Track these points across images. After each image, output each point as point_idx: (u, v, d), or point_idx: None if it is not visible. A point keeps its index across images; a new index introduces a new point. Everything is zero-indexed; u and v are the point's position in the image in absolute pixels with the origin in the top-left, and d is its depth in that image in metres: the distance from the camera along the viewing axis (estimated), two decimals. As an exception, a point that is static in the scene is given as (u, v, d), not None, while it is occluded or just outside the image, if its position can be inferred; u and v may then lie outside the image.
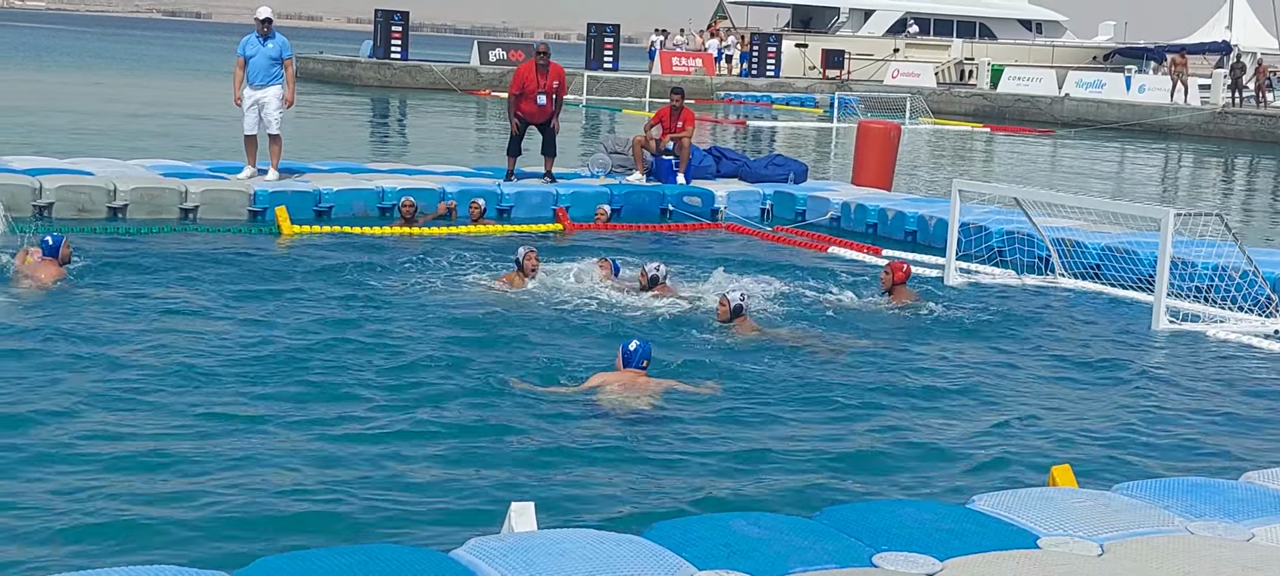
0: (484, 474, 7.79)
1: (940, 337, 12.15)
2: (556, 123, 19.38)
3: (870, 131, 22.10)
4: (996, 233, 16.43)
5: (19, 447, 7.78)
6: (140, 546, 6.48)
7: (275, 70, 17.61)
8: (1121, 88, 55.22)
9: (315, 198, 17.25)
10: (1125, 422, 9.70)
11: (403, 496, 7.37)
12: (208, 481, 7.42)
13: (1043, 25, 74.63)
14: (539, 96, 18.93)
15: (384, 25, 56.12)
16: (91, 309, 11.36)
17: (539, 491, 7.46)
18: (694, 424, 8.98)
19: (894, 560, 5.51)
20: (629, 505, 7.37)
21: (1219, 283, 13.74)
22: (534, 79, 19.01)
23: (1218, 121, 49.03)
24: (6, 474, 7.35)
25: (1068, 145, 43.38)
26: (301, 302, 12.21)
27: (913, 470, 8.33)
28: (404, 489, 7.49)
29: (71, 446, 7.87)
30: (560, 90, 19.30)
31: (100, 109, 37.00)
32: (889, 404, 9.81)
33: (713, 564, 5.37)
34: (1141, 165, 37.81)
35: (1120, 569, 5.50)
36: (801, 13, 73.60)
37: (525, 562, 5.23)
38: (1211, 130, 48.76)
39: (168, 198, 16.67)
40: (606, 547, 5.44)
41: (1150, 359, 11.86)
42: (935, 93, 57.37)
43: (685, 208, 18.80)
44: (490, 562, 5.25)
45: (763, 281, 13.84)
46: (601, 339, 11.28)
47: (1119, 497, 6.49)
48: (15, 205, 15.69)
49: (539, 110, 18.99)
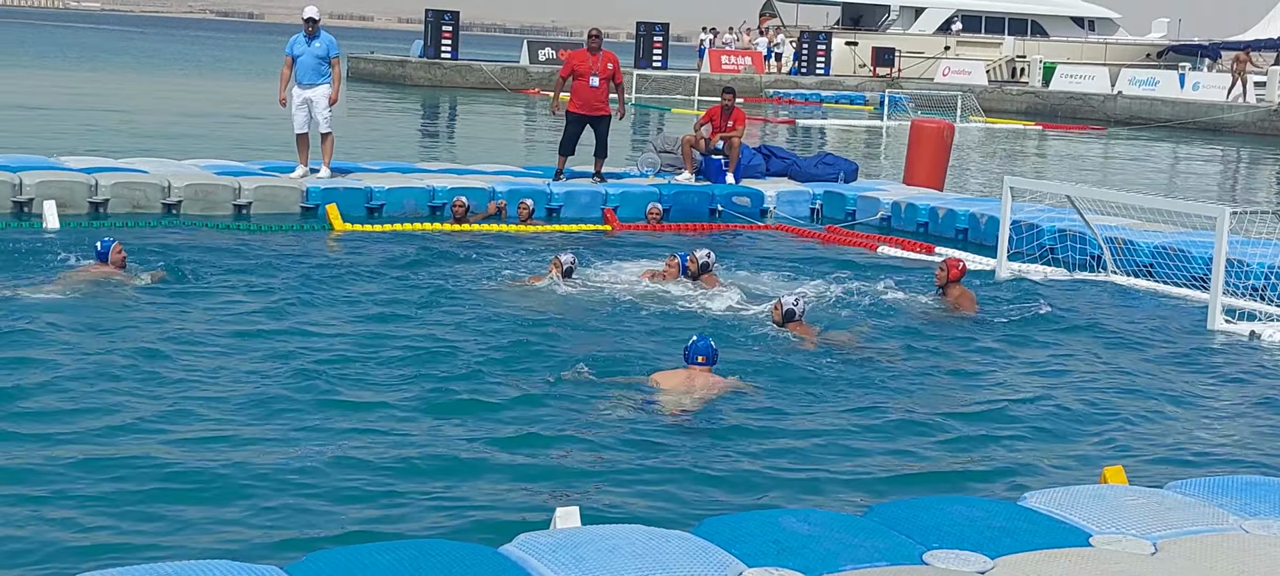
0: (533, 470, 7.80)
1: (992, 335, 12.08)
2: (621, 109, 19.35)
3: (923, 130, 21.91)
4: (1048, 230, 16.34)
5: (72, 442, 7.86)
6: (194, 541, 6.54)
7: (323, 69, 17.71)
8: (1175, 85, 54.77)
9: (366, 195, 17.34)
10: (1179, 421, 9.63)
11: (452, 492, 7.40)
12: (259, 476, 7.46)
13: (1095, 22, 73.99)
14: (592, 78, 18.87)
15: (434, 25, 56.26)
16: (143, 306, 11.46)
17: (588, 487, 7.48)
18: (743, 422, 8.97)
19: (945, 558, 5.48)
20: (678, 502, 7.38)
21: (1277, 282, 13.59)
22: (586, 62, 18.98)
23: (1273, 119, 48.49)
24: (59, 468, 7.42)
25: (1120, 143, 43.05)
26: (351, 299, 12.28)
27: (964, 467, 8.30)
28: (454, 484, 7.52)
29: (124, 442, 7.95)
30: (615, 75, 19.12)
31: (154, 108, 37.29)
32: (939, 400, 9.77)
33: (762, 561, 5.36)
34: (1196, 163, 37.48)
35: (1174, 567, 5.45)
36: (852, 10, 73.27)
37: (575, 559, 5.23)
38: (1267, 128, 48.25)
39: (221, 194, 16.84)
40: (655, 544, 5.43)
41: (1204, 358, 11.75)
42: (986, 91, 57.05)
43: (734, 207, 18.77)
44: (539, 558, 5.26)
45: (815, 283, 13.79)
46: (656, 334, 11.29)
47: (1172, 495, 6.43)
48: (72, 202, 15.91)
49: (592, 92, 18.90)
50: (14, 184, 16.00)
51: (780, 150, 21.97)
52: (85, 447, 7.80)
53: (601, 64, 18.90)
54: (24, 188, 15.99)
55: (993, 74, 63.89)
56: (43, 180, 16.10)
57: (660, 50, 59.18)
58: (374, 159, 21.33)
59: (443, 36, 55.89)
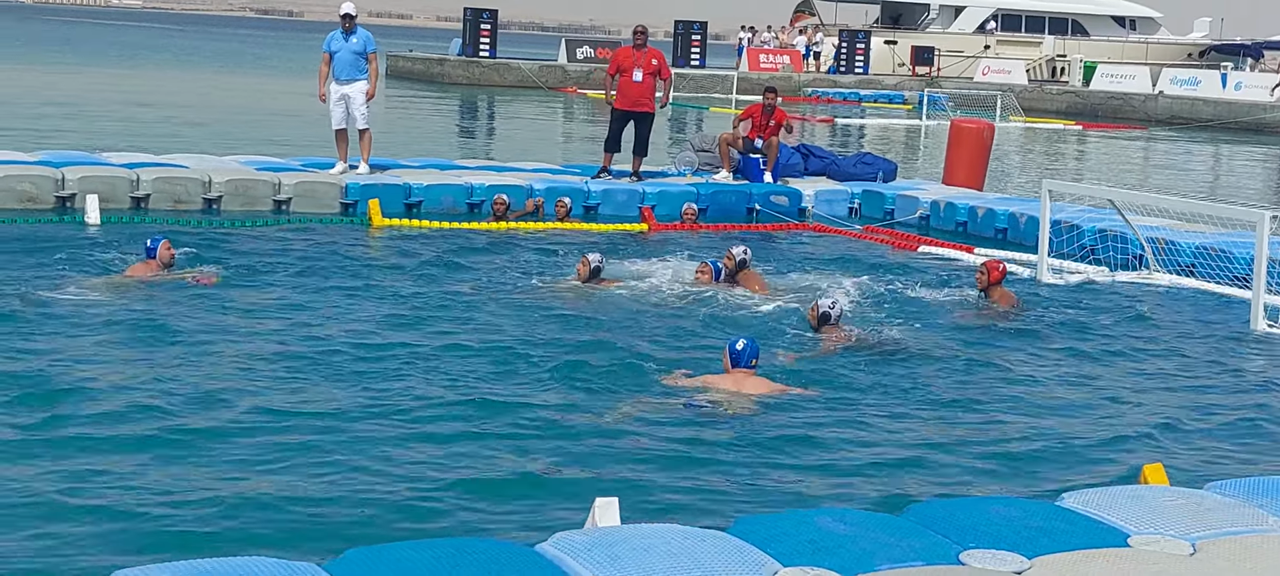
0: (567, 469, 7.82)
1: (1031, 334, 12.04)
2: (665, 100, 19.42)
3: (963, 131, 21.83)
4: (1089, 231, 16.27)
5: (111, 441, 7.91)
6: (231, 538, 6.56)
7: (360, 65, 17.79)
8: (1217, 85, 54.44)
9: (405, 191, 17.41)
10: (1219, 421, 9.56)
11: (488, 489, 7.41)
12: (298, 473, 7.50)
13: (1136, 22, 73.55)
14: (635, 72, 18.91)
15: (473, 23, 56.42)
16: (184, 302, 11.52)
17: (623, 487, 7.47)
18: (782, 422, 8.95)
19: (981, 558, 5.45)
20: (713, 502, 7.37)
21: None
22: (630, 56, 19.05)
23: (1316, 119, 48.15)
24: (97, 466, 7.48)
25: (1161, 143, 42.80)
26: (390, 294, 12.34)
27: (1001, 467, 8.26)
28: (489, 482, 7.54)
29: (160, 439, 7.99)
30: (662, 71, 19.20)
31: (194, 104, 37.53)
32: (977, 400, 9.74)
33: (798, 560, 5.34)
34: (1238, 163, 37.22)
35: (1213, 568, 5.42)
36: (891, 9, 73.10)
37: (610, 557, 5.23)
38: (1310, 128, 47.90)
39: (261, 189, 16.95)
40: (691, 543, 5.43)
41: (1246, 359, 11.68)
42: (1026, 90, 56.85)
43: (772, 207, 18.73)
44: (574, 556, 5.26)
45: (854, 281, 13.75)
46: (692, 335, 11.29)
47: (1212, 496, 6.39)
48: (114, 197, 16.05)
49: (637, 87, 18.95)
50: (57, 179, 16.14)
51: (819, 149, 21.95)
52: (117, 447, 7.85)
53: (645, 59, 18.93)
54: (66, 182, 16.13)
55: (1033, 73, 63.64)
56: (85, 175, 16.23)
57: (698, 49, 59.19)
58: (413, 156, 21.40)
59: (481, 35, 56.07)
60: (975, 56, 66.05)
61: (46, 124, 28.27)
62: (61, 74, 49.79)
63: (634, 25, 19.78)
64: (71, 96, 37.97)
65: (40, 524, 6.63)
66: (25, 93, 38.07)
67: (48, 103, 34.60)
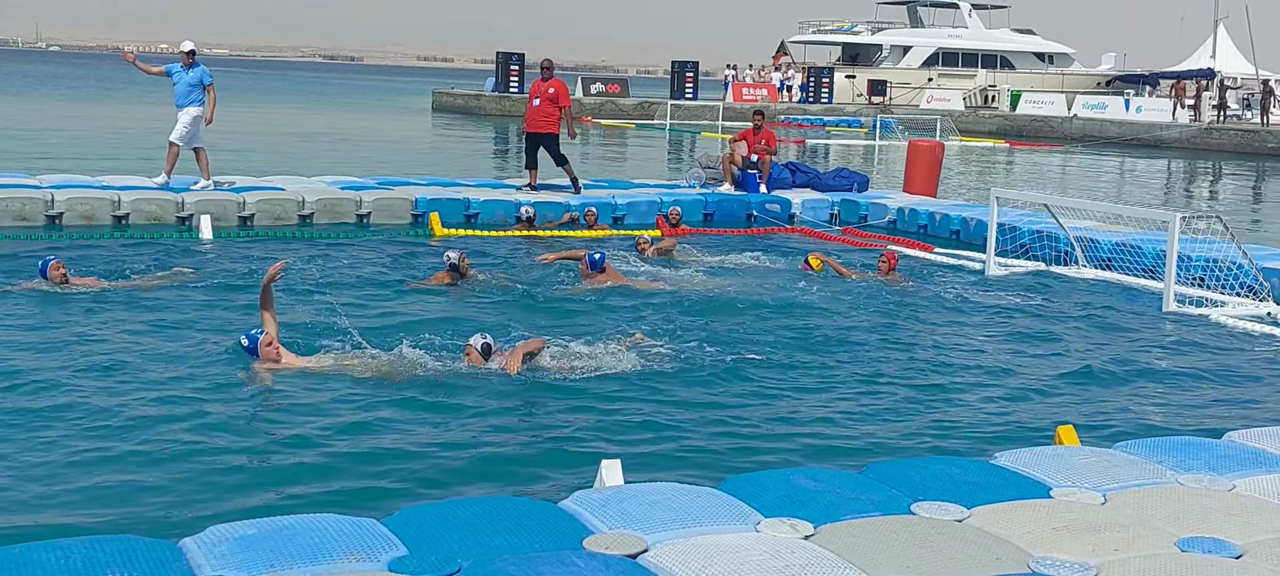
0: (573, 436, 7.72)
1: (973, 317, 12.02)
2: (572, 128, 18.74)
3: (919, 149, 21.83)
4: (1026, 231, 16.30)
5: (175, 417, 7.82)
6: (304, 496, 6.54)
7: (196, 94, 16.94)
8: (1121, 108, 54.39)
9: (465, 205, 17.43)
10: (1129, 389, 9.53)
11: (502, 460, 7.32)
12: (358, 445, 7.42)
13: (1054, 57, 73.63)
14: (535, 99, 18.53)
15: (504, 64, 56.66)
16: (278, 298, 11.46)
17: (626, 449, 7.44)
18: (757, 395, 8.91)
19: (929, 508, 5.44)
20: (704, 463, 7.34)
21: (1214, 273, 13.48)
22: (536, 87, 18.69)
23: (1204, 136, 48.11)
24: (179, 430, 7.44)
25: (1075, 157, 42.73)
26: (435, 288, 12.31)
27: (945, 432, 8.23)
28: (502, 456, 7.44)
29: (247, 411, 7.98)
30: (559, 99, 18.38)
31: (274, 132, 37.46)
32: (926, 375, 9.69)
33: (778, 512, 5.34)
34: (1139, 174, 37.15)
35: (1120, 515, 5.41)
36: (850, 50, 73.30)
37: (621, 513, 5.22)
38: (1198, 143, 47.86)
39: (346, 206, 16.98)
40: (689, 499, 5.42)
41: (1152, 336, 11.63)
42: (963, 114, 56.75)
43: (767, 213, 18.92)
44: (592, 511, 5.25)
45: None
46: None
47: (1120, 454, 6.37)
48: (224, 217, 16.05)
49: (534, 110, 18.49)
50: (179, 202, 16.14)
51: (804, 166, 21.99)
52: (201, 410, 7.82)
53: (545, 89, 18.52)
54: (185, 205, 16.13)
55: (968, 100, 63.55)
56: (200, 199, 16.23)
57: (691, 84, 59.25)
58: (464, 176, 21.42)
59: (511, 73, 56.42)
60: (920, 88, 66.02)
61: (163, 153, 28.15)
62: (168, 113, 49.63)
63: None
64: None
65: (119, 478, 6.61)
66: (144, 126, 38.06)
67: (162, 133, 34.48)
